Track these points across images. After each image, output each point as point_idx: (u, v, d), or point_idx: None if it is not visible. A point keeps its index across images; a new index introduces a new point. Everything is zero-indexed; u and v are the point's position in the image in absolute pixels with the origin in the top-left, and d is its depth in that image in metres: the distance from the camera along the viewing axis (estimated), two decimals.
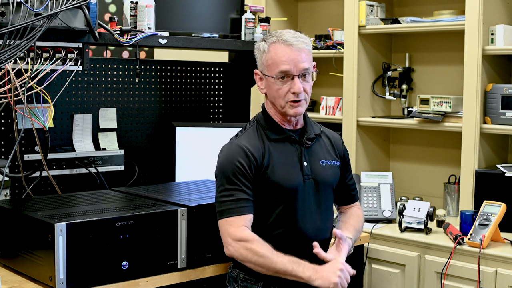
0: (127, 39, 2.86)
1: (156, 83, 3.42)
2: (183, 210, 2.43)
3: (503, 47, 3.11)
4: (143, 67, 3.37)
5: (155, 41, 2.97)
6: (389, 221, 3.26)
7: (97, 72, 3.19)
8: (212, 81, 3.68)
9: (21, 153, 2.87)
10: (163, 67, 3.45)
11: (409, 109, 3.62)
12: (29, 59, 2.58)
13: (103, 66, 3.21)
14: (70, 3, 2.46)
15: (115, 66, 3.25)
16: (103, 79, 3.21)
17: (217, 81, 3.70)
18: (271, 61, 2.34)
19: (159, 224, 2.36)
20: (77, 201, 2.63)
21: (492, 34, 3.13)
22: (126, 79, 3.29)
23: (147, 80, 3.39)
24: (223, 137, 2.61)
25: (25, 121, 2.76)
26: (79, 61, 2.74)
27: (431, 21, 3.38)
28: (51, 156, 2.92)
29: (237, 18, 3.39)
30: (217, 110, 3.70)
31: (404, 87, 3.70)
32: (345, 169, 2.56)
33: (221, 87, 3.72)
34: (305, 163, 2.38)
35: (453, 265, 2.86)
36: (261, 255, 2.24)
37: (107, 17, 3.99)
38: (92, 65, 3.14)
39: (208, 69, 3.65)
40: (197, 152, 3.31)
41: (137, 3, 2.96)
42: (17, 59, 2.55)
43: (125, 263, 2.27)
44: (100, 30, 2.77)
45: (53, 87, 2.93)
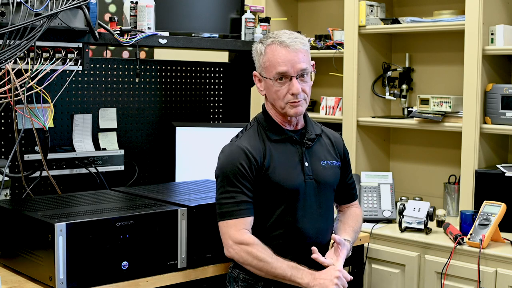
0: (127, 39, 2.86)
1: (156, 83, 3.42)
2: (183, 210, 2.43)
3: (503, 47, 3.11)
4: (143, 67, 3.37)
5: (155, 41, 2.97)
6: (389, 221, 3.26)
7: (97, 72, 3.19)
8: (212, 81, 3.68)
9: (21, 153, 2.87)
10: (163, 67, 3.45)
11: (409, 109, 3.62)
12: (29, 59, 2.58)
13: (103, 66, 3.21)
14: (70, 3, 2.46)
15: (115, 66, 3.25)
16: (103, 79, 3.21)
17: (217, 81, 3.70)
18: (268, 63, 2.34)
19: (159, 224, 2.36)
20: (77, 201, 2.63)
21: (492, 34, 3.13)
22: (126, 79, 3.29)
23: (147, 80, 3.39)
24: (223, 137, 2.61)
25: (25, 121, 2.76)
26: (79, 61, 2.74)
27: (431, 21, 3.38)
28: (51, 156, 2.92)
29: (237, 18, 3.39)
30: (217, 110, 3.70)
31: (404, 87, 3.70)
32: (345, 169, 2.56)
33: (221, 87, 3.72)
34: (306, 164, 2.38)
35: (453, 265, 2.86)
36: (261, 259, 2.24)
37: (107, 17, 3.99)
38: (92, 65, 3.14)
39: (208, 69, 3.65)
40: (197, 152, 3.31)
41: (137, 3, 2.96)
42: (17, 59, 2.55)
43: (125, 263, 2.27)
44: (100, 30, 2.77)
45: (53, 87, 2.93)
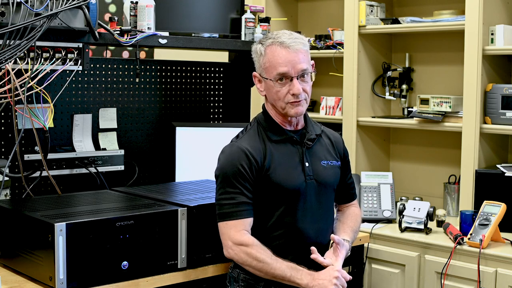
0: (127, 39, 2.86)
1: (156, 83, 3.42)
2: (183, 210, 2.43)
3: (503, 47, 3.11)
4: (143, 67, 3.37)
5: (155, 41, 2.97)
6: (389, 221, 3.26)
7: (97, 72, 3.19)
8: (212, 81, 3.68)
9: (21, 153, 2.87)
10: (163, 67, 3.45)
11: (409, 109, 3.62)
12: (29, 59, 2.58)
13: (103, 66, 3.21)
14: (70, 3, 2.46)
15: (115, 66, 3.25)
16: (103, 79, 3.21)
17: (217, 81, 3.70)
18: (268, 64, 2.33)
19: (159, 224, 2.36)
20: (77, 201, 2.63)
21: (492, 34, 3.13)
22: (126, 79, 3.29)
23: (147, 80, 3.39)
24: (223, 137, 2.61)
25: (25, 121, 2.76)
26: (79, 61, 2.74)
27: (431, 21, 3.38)
28: (51, 156, 2.92)
29: (237, 18, 3.39)
30: (217, 110, 3.70)
31: (404, 87, 3.70)
32: (345, 168, 2.56)
33: (221, 87, 3.72)
34: (307, 164, 2.38)
35: (453, 265, 2.86)
36: (260, 260, 2.24)
37: (107, 17, 3.99)
38: (92, 65, 3.14)
39: (208, 69, 3.65)
40: (197, 152, 3.31)
41: (137, 3, 2.96)
42: (17, 59, 2.55)
43: (125, 263, 2.27)
44: (100, 30, 2.77)
45: (53, 87, 2.93)
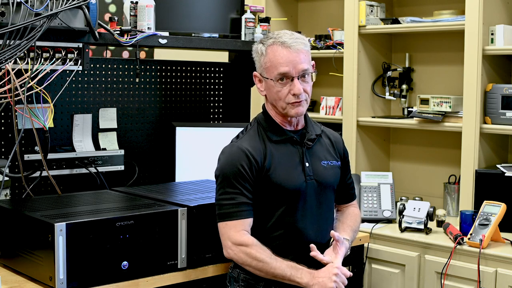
0: (127, 39, 2.86)
1: (156, 83, 3.42)
2: (183, 210, 2.43)
3: (503, 47, 3.11)
4: (143, 67, 3.37)
5: (155, 41, 2.97)
6: (389, 221, 3.26)
7: (97, 72, 3.19)
8: (212, 81, 3.68)
9: (21, 153, 2.87)
10: (163, 67, 3.45)
11: (409, 109, 3.62)
12: (29, 59, 2.58)
13: (103, 66, 3.21)
14: (70, 3, 2.46)
15: (115, 66, 3.25)
16: (103, 79, 3.21)
17: (217, 81, 3.70)
18: (269, 63, 2.33)
19: (159, 224, 2.36)
20: (77, 201, 2.63)
21: (492, 34, 3.13)
22: (126, 79, 3.29)
23: (147, 80, 3.39)
24: (223, 137, 2.61)
25: (25, 121, 2.76)
26: (79, 61, 2.74)
27: (431, 21, 3.38)
28: (51, 156, 2.92)
29: (237, 18, 3.39)
30: (217, 110, 3.70)
31: (404, 87, 3.70)
32: (345, 168, 2.56)
33: (221, 87, 3.72)
34: (307, 164, 2.38)
35: (453, 265, 2.86)
36: (260, 260, 2.24)
37: (107, 17, 3.99)
38: (92, 65, 3.14)
39: (208, 69, 3.65)
40: (197, 152, 3.31)
41: (137, 3, 2.96)
42: (17, 59, 2.55)
43: (125, 263, 2.27)
44: (100, 30, 2.77)
45: (53, 87, 2.93)
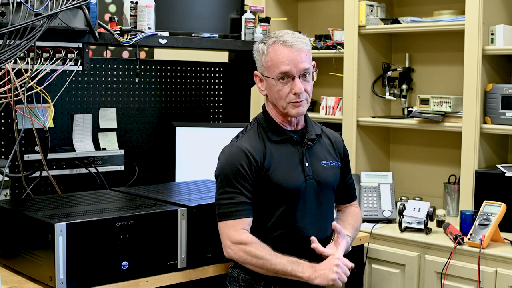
0: (127, 39, 2.86)
1: (156, 83, 3.42)
2: (183, 210, 2.43)
3: (503, 47, 3.11)
4: (143, 67, 3.37)
5: (155, 41, 2.97)
6: (389, 221, 3.26)
7: (97, 72, 3.19)
8: (212, 81, 3.68)
9: (21, 153, 2.87)
10: (163, 67, 3.45)
11: (409, 109, 3.62)
12: (29, 59, 2.58)
13: (103, 66, 3.21)
14: (70, 3, 2.46)
15: (115, 66, 3.25)
16: (103, 79, 3.21)
17: (217, 81, 3.70)
18: (270, 62, 2.33)
19: (159, 224, 2.36)
20: (77, 201, 2.63)
21: (492, 34, 3.13)
22: (126, 79, 3.29)
23: (147, 80, 3.39)
24: (223, 137, 2.61)
25: (25, 121, 2.76)
26: (79, 61, 2.74)
27: (431, 21, 3.38)
28: (51, 156, 2.92)
29: (237, 18, 3.39)
30: (217, 110, 3.70)
31: (404, 87, 3.70)
32: (345, 169, 2.56)
33: (221, 87, 3.72)
34: (307, 164, 2.38)
35: (453, 265, 2.86)
36: (260, 257, 2.24)
37: (107, 17, 3.99)
38: (92, 65, 3.14)
39: (208, 69, 3.65)
40: (197, 152, 3.31)
41: (137, 3, 2.96)
42: (17, 59, 2.55)
43: (125, 263, 2.27)
44: (100, 30, 2.77)
45: (53, 87, 2.93)
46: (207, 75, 3.65)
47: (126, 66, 3.28)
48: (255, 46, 2.43)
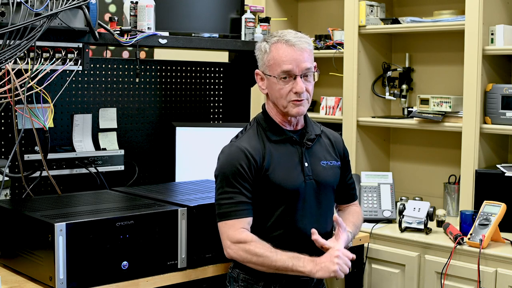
0: (127, 39, 2.86)
1: (156, 83, 3.42)
2: (183, 210, 2.43)
3: (503, 47, 3.11)
4: (143, 67, 3.37)
5: (155, 41, 2.97)
6: (389, 221, 3.26)
7: (97, 72, 3.19)
8: (212, 81, 3.68)
9: (21, 153, 2.87)
10: (163, 67, 3.45)
11: (409, 109, 3.62)
12: (29, 59, 2.58)
13: (103, 66, 3.21)
14: (70, 3, 2.46)
15: (115, 66, 3.25)
16: (103, 79, 3.21)
17: (217, 81, 3.70)
18: (273, 61, 2.34)
19: (159, 224, 2.36)
20: (77, 201, 2.63)
21: (492, 34, 3.13)
22: (126, 79, 3.29)
23: (147, 80, 3.39)
24: (223, 137, 2.61)
25: (25, 121, 2.76)
26: (79, 61, 2.74)
27: (431, 21, 3.38)
28: (51, 156, 2.92)
29: (237, 18, 3.39)
30: (217, 110, 3.70)
31: (404, 87, 3.70)
32: (345, 169, 2.56)
33: (221, 87, 3.72)
34: (306, 164, 2.38)
35: (453, 265, 2.86)
36: (260, 255, 2.24)
37: (107, 17, 3.99)
38: (92, 65, 3.14)
39: (208, 69, 3.65)
40: (197, 152, 3.31)
41: (137, 3, 2.96)
42: (17, 59, 2.55)
43: (125, 263, 2.27)
44: (100, 30, 2.77)
45: (53, 87, 2.93)
46: (207, 75, 3.65)
47: (126, 66, 3.28)
48: (257, 44, 2.43)
